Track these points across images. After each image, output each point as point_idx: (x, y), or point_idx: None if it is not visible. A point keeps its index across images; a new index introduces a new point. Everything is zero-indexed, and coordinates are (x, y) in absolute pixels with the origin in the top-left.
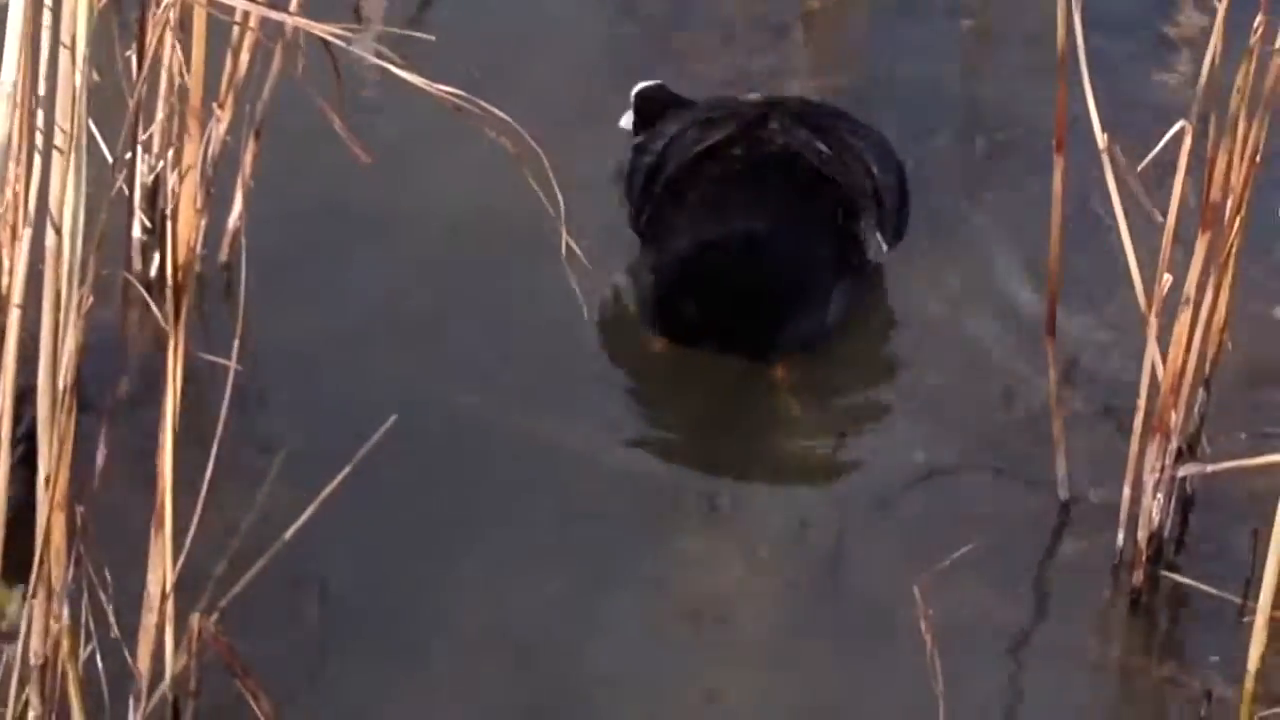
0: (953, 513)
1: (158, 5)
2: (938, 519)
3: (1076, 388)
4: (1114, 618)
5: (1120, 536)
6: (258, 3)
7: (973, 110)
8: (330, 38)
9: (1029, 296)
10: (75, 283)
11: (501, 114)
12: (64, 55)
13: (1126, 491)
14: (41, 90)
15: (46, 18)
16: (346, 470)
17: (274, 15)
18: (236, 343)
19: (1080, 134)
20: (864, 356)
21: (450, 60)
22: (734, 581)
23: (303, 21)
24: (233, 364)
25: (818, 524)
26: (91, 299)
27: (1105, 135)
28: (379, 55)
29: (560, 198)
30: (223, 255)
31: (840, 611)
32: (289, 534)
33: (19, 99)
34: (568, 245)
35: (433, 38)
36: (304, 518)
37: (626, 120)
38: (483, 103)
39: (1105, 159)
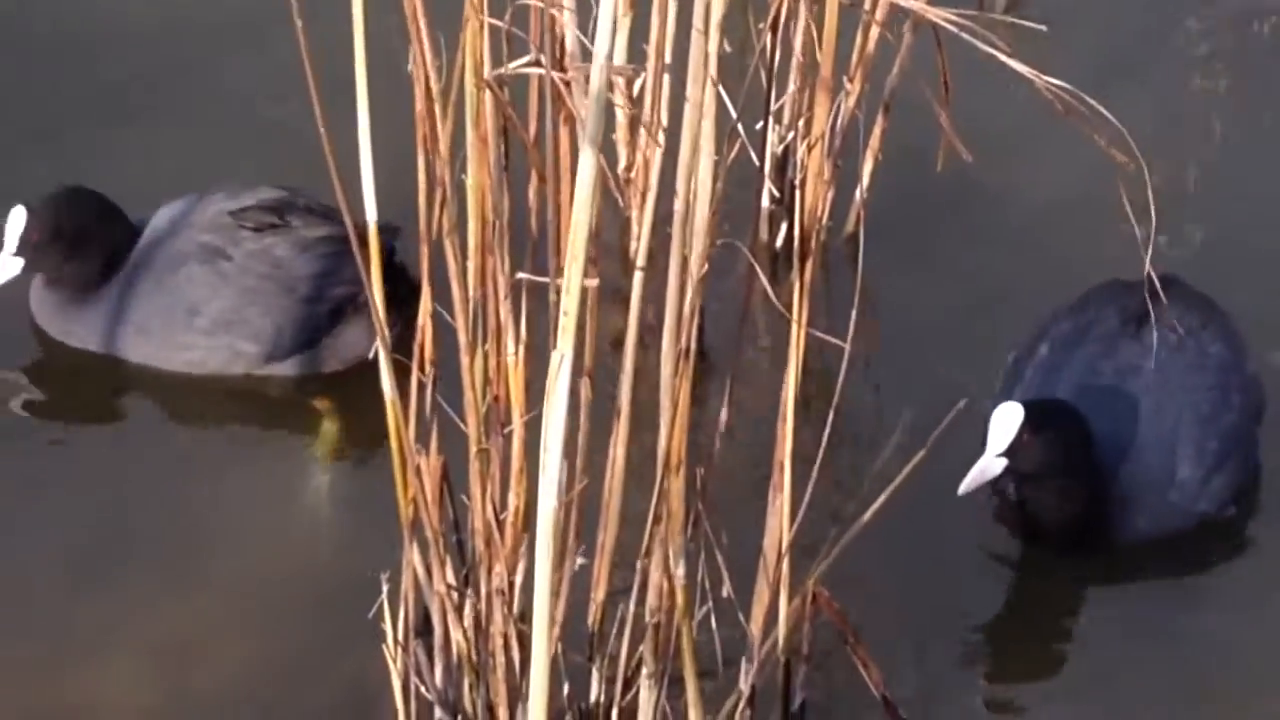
0: None
1: None
2: None
3: None
4: None
5: None
6: None
7: None
8: (944, 24)
9: None
10: (698, 247)
11: (1111, 117)
12: (695, 24)
13: None
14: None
15: None
16: (928, 445)
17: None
18: (854, 313)
19: None
20: None
21: (1069, 54)
22: None
23: (922, 7)
24: (848, 340)
25: None
26: (706, 266)
27: None
28: (989, 43)
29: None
30: (848, 227)
31: None
32: (879, 500)
33: (654, 66)
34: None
35: (1044, 27)
36: (892, 487)
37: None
38: (1092, 101)
39: None
